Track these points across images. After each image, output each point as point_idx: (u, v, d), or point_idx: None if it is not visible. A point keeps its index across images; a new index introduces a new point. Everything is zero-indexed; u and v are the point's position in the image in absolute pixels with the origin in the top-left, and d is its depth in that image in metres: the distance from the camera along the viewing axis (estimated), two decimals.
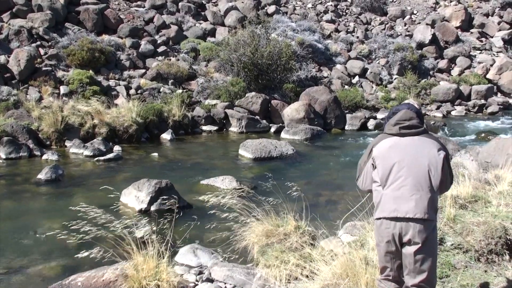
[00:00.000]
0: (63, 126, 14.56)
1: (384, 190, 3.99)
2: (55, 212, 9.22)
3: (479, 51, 26.69)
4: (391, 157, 3.99)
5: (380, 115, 20.17)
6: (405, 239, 3.87)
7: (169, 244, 5.73)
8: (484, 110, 22.36)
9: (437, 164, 3.92)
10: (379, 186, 4.03)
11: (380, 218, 3.99)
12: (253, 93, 18.81)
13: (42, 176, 11.24)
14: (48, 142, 14.38)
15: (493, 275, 5.31)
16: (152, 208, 9.23)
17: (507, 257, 5.61)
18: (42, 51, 18.43)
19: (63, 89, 16.89)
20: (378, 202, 4.03)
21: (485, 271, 5.40)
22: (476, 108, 22.34)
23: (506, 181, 7.86)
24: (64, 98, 16.44)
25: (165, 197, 9.27)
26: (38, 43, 18.67)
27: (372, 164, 4.12)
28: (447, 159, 4.00)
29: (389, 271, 4.08)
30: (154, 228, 5.95)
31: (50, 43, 18.97)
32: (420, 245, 3.83)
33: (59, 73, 17.75)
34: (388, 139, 4.10)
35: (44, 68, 17.48)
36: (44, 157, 13.25)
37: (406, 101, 4.36)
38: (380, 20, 28.20)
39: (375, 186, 4.09)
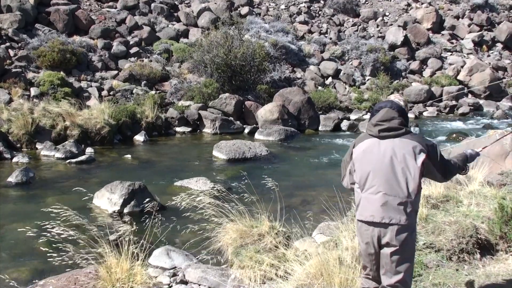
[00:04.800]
0: (34, 128, 14.31)
1: (362, 193, 3.99)
2: (26, 215, 9.06)
3: (450, 53, 27.08)
4: (368, 162, 3.95)
5: (353, 116, 20.38)
6: (383, 241, 3.89)
7: (143, 246, 5.68)
8: (455, 111, 22.66)
9: (414, 170, 3.85)
10: (358, 188, 4.04)
11: (360, 220, 4.02)
12: (227, 94, 18.78)
13: (12, 179, 11.06)
14: (18, 145, 14.12)
15: (464, 274, 5.38)
16: (126, 210, 9.15)
17: (478, 256, 5.68)
18: (11, 52, 18.14)
19: (33, 91, 16.66)
20: (357, 204, 4.05)
21: (457, 270, 5.47)
22: (448, 109, 22.63)
23: (477, 181, 7.97)
24: (34, 100, 16.21)
25: (138, 199, 9.25)
26: (8, 44, 18.39)
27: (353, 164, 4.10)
28: (430, 157, 3.92)
29: (369, 270, 4.11)
30: (127, 230, 5.89)
31: (20, 44, 18.69)
32: (397, 247, 3.85)
33: (30, 75, 17.50)
34: (367, 140, 4.03)
35: (13, 70, 17.22)
36: (15, 159, 13.03)
37: (391, 97, 4.22)
38: (352, 21, 28.42)
39: (355, 187, 4.09)
